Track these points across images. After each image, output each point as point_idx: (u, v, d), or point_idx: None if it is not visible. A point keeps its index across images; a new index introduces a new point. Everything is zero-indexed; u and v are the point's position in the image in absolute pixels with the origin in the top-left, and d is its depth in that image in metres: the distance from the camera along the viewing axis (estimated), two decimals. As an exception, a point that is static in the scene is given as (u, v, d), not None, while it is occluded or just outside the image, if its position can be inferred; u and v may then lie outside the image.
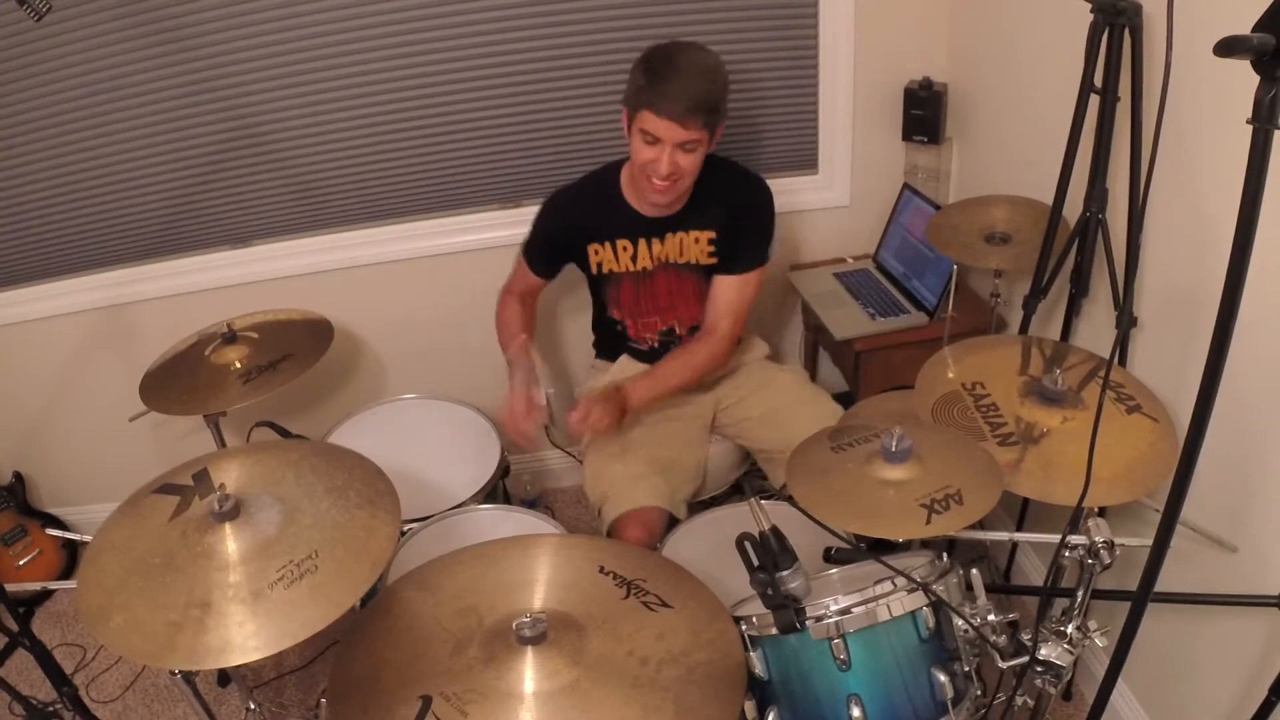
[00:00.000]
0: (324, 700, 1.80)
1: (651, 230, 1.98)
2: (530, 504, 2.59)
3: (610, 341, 2.19)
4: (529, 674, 1.20)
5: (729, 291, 2.01)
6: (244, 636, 1.15)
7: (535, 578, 1.40)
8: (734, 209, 1.98)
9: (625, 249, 2.00)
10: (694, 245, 2.00)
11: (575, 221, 2.02)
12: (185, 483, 1.38)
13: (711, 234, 1.99)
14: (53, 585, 2.60)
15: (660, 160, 1.78)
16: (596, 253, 2.02)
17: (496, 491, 2.12)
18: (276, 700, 2.20)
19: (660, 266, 2.02)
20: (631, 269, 2.02)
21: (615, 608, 1.33)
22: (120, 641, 1.17)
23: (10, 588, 1.48)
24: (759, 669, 1.35)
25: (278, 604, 1.18)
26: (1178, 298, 1.60)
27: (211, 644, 1.14)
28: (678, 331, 2.11)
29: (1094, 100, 1.61)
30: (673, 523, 1.98)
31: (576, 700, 1.18)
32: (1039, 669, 1.27)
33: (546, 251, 2.07)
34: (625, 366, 2.15)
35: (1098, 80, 1.59)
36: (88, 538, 1.36)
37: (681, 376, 2.00)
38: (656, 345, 2.13)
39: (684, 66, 1.75)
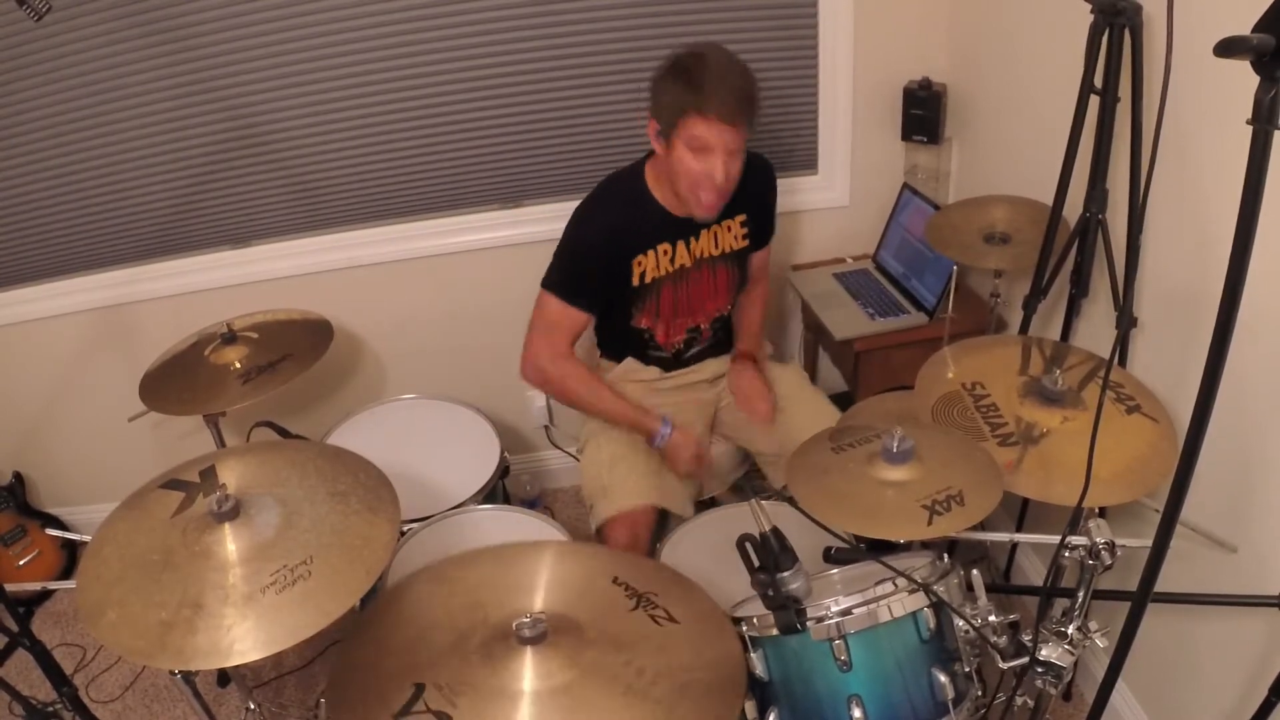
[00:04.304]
0: (324, 700, 1.80)
1: (688, 229, 1.95)
2: (530, 504, 2.59)
3: (623, 346, 2.11)
4: (525, 673, 1.20)
5: (760, 257, 2.18)
6: (230, 640, 1.15)
7: (543, 581, 1.39)
8: (755, 188, 1.99)
9: (665, 252, 1.94)
10: (728, 234, 2.01)
11: (615, 237, 1.90)
12: (192, 479, 1.38)
13: (744, 216, 2.01)
14: (53, 585, 2.60)
15: (715, 169, 1.74)
16: (640, 263, 1.92)
17: (496, 492, 2.12)
18: (276, 700, 2.20)
19: (696, 264, 1.99)
20: (670, 270, 1.97)
21: (621, 618, 1.32)
22: (112, 637, 1.17)
23: (10, 588, 1.49)
24: (759, 670, 1.35)
25: (267, 609, 1.18)
26: (1178, 298, 1.60)
27: (200, 645, 1.15)
28: (702, 327, 2.10)
29: (1094, 100, 1.61)
30: (663, 519, 1.97)
31: (569, 702, 1.18)
32: (1039, 669, 1.27)
33: (595, 282, 1.93)
34: (631, 367, 2.13)
35: (1098, 81, 1.59)
36: (87, 538, 1.35)
37: (761, 317, 2.25)
38: (681, 346, 2.11)
39: (721, 67, 1.71)
